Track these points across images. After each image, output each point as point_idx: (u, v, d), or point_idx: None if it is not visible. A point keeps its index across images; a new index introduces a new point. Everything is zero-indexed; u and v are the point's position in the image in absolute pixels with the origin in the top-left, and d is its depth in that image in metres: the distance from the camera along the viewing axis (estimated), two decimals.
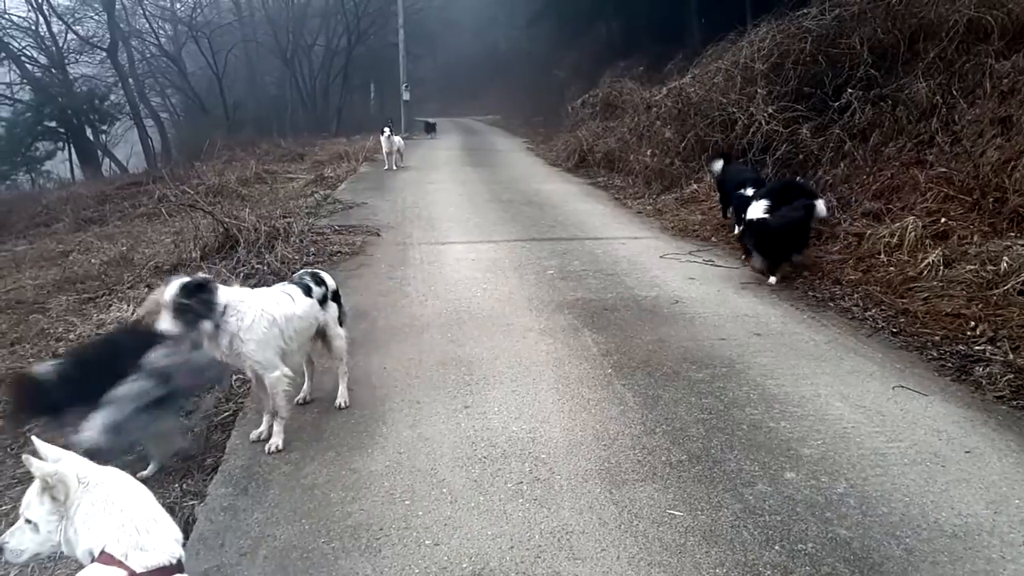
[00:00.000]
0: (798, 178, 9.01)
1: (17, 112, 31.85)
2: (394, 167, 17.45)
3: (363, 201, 12.54)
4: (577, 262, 8.13)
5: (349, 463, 3.94)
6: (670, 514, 3.37)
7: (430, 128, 29.11)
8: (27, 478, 4.15)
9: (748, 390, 4.71)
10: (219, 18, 42.69)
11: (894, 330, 5.77)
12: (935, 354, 5.28)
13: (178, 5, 40.89)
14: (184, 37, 39.15)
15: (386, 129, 17.62)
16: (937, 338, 5.50)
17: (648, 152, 13.71)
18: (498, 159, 20.22)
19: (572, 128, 20.39)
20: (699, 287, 7.08)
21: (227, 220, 8.96)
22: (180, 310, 3.63)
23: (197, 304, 3.68)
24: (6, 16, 30.57)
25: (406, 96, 32.13)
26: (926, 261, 6.55)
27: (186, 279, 3.75)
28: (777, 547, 3.12)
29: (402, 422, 4.41)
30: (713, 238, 9.15)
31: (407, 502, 3.55)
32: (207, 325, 3.76)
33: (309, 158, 20.39)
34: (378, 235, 9.79)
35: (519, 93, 37.85)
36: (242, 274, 7.62)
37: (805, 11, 11.79)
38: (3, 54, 29.76)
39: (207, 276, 3.82)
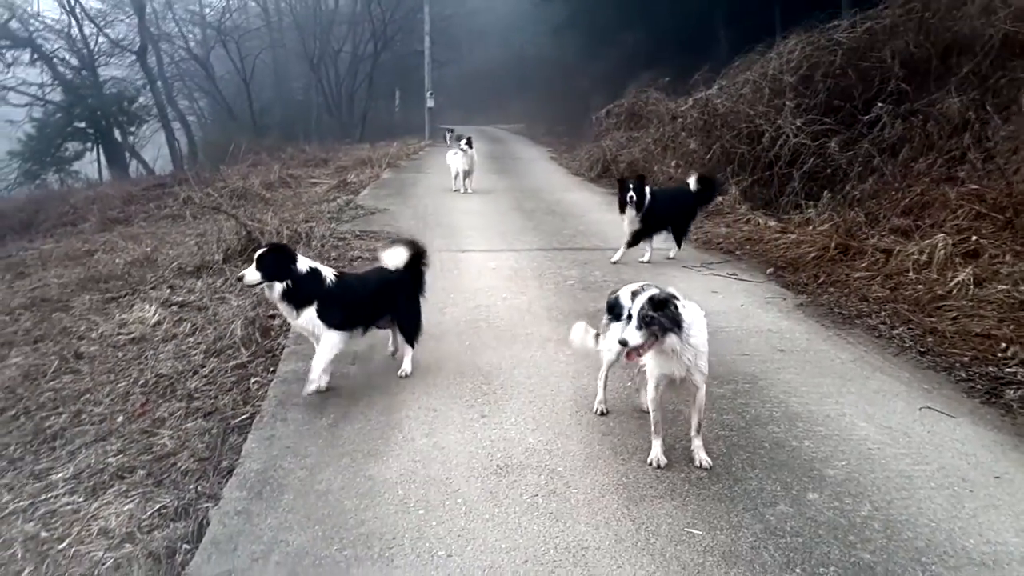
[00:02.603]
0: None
1: (48, 113, 32.50)
2: (469, 189, 14.99)
3: (385, 207, 12.56)
4: (598, 272, 8.07)
5: (364, 470, 3.91)
6: (688, 532, 3.30)
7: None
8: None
9: (771, 407, 4.63)
10: (247, 23, 43.17)
11: (922, 349, 5.64)
12: (964, 375, 5.16)
13: (207, 9, 41.52)
14: (213, 41, 39.66)
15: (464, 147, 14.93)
16: (966, 359, 5.37)
17: (673, 163, 13.65)
18: (521, 168, 20.21)
19: (596, 138, 20.33)
20: (722, 300, 7.00)
21: (250, 223, 9.03)
22: (647, 322, 3.56)
23: (663, 318, 3.60)
24: (39, 18, 31.18)
25: (430, 103, 32.26)
26: (956, 280, 6.43)
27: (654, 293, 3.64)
28: (798, 570, 3.04)
29: (418, 430, 4.37)
30: (737, 251, 9.04)
31: (421, 511, 3.51)
32: (673, 339, 3.65)
33: (333, 163, 20.52)
34: None
35: (543, 102, 37.84)
36: None
37: (836, 23, 11.74)
38: (36, 55, 30.32)
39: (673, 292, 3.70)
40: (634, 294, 3.68)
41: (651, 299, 3.56)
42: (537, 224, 11.09)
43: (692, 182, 8.85)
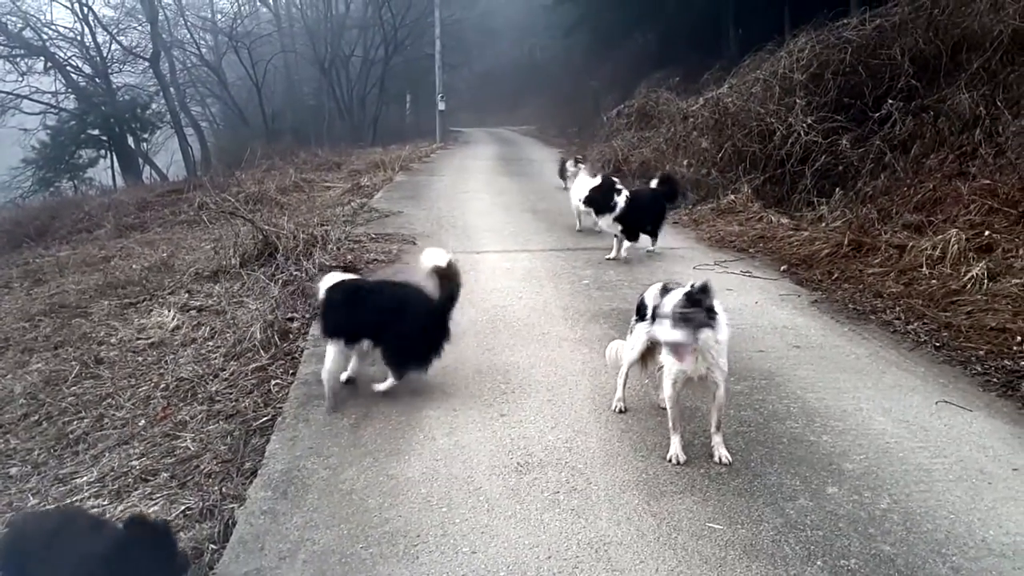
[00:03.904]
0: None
1: (62, 120, 32.73)
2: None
3: (399, 210, 12.58)
4: (612, 272, 8.10)
5: (386, 469, 3.96)
6: (710, 527, 3.34)
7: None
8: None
9: (788, 403, 4.66)
10: (259, 29, 43.28)
11: (937, 344, 5.66)
12: (979, 369, 5.18)
13: (219, 16, 41.77)
14: (224, 47, 39.81)
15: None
16: (982, 353, 5.38)
17: (684, 162, 13.63)
18: (533, 168, 20.17)
19: (607, 138, 20.31)
20: (736, 298, 7.01)
21: (266, 227, 9.06)
22: (685, 319, 3.52)
23: (699, 314, 3.56)
24: (53, 27, 31.48)
25: (442, 106, 32.30)
26: (970, 274, 6.45)
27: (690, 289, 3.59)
28: (819, 563, 3.07)
29: (439, 429, 4.42)
30: (750, 249, 9.05)
31: (444, 509, 3.56)
32: (707, 334, 3.64)
33: (346, 167, 20.52)
34: (414, 243, 9.81)
35: (554, 104, 37.82)
36: (280, 281, 7.69)
37: (845, 21, 11.78)
38: (49, 64, 30.60)
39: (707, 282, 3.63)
40: (662, 292, 3.71)
41: (687, 295, 3.56)
42: (550, 225, 11.11)
43: (655, 183, 9.38)
